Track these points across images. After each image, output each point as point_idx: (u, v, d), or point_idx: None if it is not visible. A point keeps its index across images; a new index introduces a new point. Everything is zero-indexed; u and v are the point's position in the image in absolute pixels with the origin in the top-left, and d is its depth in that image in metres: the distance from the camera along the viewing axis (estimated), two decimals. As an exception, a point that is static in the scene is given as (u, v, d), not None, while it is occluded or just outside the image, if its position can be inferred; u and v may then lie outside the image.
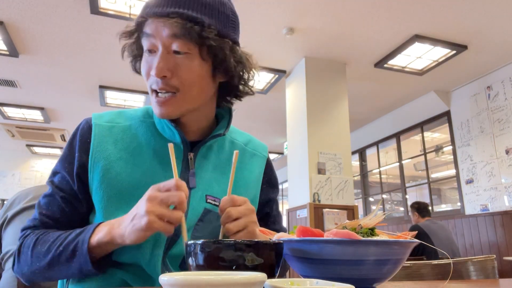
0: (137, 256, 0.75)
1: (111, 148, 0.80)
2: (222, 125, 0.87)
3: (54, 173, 0.82)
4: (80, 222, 0.80)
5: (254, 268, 0.50)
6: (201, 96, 0.80)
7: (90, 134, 0.81)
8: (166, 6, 0.74)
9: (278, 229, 0.95)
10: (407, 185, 6.06)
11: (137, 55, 0.84)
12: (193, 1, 0.75)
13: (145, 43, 0.76)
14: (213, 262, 0.50)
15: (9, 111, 5.91)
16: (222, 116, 0.91)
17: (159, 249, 0.76)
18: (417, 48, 3.97)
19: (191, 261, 0.52)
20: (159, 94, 0.76)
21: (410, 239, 0.56)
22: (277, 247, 0.53)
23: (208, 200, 0.82)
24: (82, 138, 0.81)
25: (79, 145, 0.80)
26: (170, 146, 0.70)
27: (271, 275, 0.52)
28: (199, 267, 0.51)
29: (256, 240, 0.52)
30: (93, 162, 0.78)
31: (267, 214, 0.96)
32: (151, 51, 0.76)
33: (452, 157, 5.17)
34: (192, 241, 0.52)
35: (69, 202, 0.79)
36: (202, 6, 0.75)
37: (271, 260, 0.52)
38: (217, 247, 0.50)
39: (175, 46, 0.74)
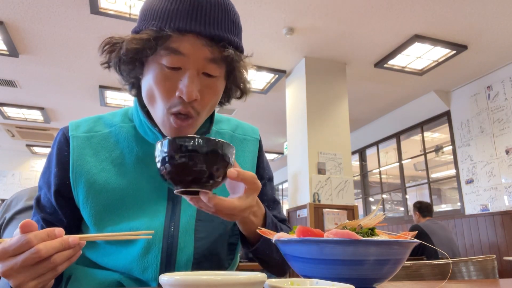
0: (131, 266, 0.73)
1: (91, 160, 0.76)
2: (205, 122, 0.83)
3: (39, 188, 0.80)
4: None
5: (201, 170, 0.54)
6: (211, 112, 0.78)
7: (68, 147, 0.77)
8: (208, 25, 0.66)
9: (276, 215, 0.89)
10: (407, 185, 6.06)
11: (137, 77, 0.75)
12: (228, 21, 0.70)
13: (168, 59, 0.67)
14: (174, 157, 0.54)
15: (9, 111, 5.91)
16: None
17: (153, 259, 0.72)
18: (417, 48, 3.97)
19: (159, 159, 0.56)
20: (178, 116, 0.69)
21: (410, 239, 0.56)
22: (222, 148, 0.56)
23: None
24: (60, 152, 0.77)
25: (57, 160, 0.77)
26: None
27: (206, 184, 0.56)
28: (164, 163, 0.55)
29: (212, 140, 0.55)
30: (75, 177, 0.75)
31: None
32: (174, 68, 0.68)
33: (452, 157, 5.17)
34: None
35: (49, 222, 0.77)
36: (233, 25, 0.71)
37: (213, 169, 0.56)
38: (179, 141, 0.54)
39: (207, 69, 0.68)
